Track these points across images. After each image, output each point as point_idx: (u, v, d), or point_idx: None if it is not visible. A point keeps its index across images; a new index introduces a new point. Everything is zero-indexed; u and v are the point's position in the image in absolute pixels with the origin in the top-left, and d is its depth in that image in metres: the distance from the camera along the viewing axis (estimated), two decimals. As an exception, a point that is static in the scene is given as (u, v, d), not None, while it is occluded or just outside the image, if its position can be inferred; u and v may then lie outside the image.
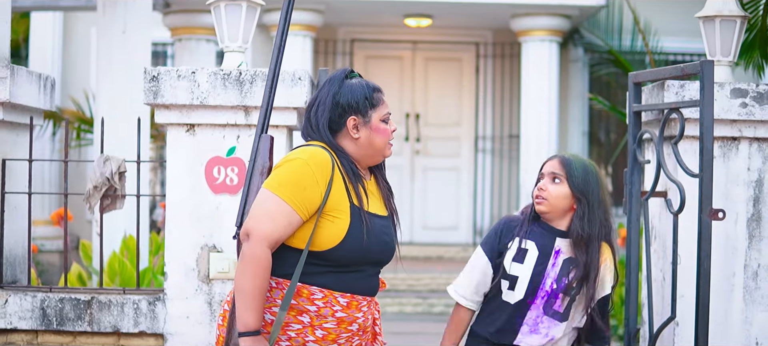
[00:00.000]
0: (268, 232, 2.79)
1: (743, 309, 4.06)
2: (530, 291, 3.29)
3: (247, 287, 2.78)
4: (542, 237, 3.34)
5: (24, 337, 4.12)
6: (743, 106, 3.99)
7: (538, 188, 3.34)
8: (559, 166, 3.32)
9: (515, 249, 3.34)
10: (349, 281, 2.91)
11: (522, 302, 3.30)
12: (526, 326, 3.31)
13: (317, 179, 2.84)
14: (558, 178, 3.31)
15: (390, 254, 3.02)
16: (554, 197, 3.30)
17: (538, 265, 3.30)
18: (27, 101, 4.19)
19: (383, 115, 3.00)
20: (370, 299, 2.98)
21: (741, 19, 4.16)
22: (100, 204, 4.11)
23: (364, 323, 2.96)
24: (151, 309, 4.02)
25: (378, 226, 2.95)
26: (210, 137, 3.98)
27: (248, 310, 2.78)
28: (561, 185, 3.30)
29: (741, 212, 4.05)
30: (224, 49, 4.08)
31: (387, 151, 3.02)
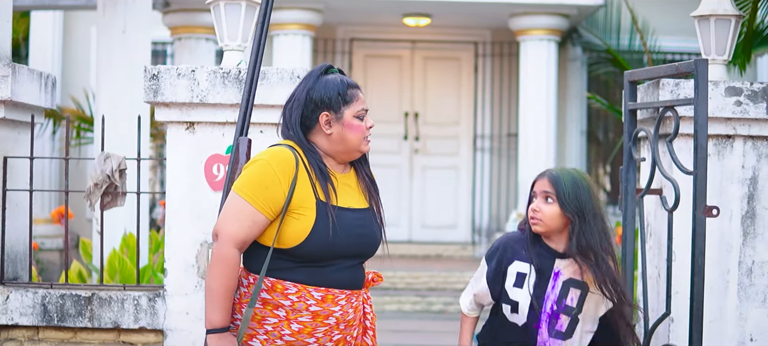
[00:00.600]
0: (233, 232, 2.89)
1: (738, 306, 4.10)
2: (532, 316, 3.31)
3: (213, 286, 2.89)
4: (541, 258, 3.33)
5: (25, 333, 4.16)
6: (738, 104, 4.03)
7: (532, 209, 3.33)
8: (549, 185, 3.30)
9: (515, 274, 3.34)
10: (323, 275, 2.96)
11: (529, 326, 3.32)
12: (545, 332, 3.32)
13: (279, 178, 2.91)
14: (550, 197, 3.30)
15: (369, 247, 3.05)
16: (549, 217, 3.30)
17: (537, 288, 3.30)
18: (28, 99, 4.23)
19: (357, 112, 3.03)
20: (349, 292, 3.00)
21: (736, 18, 4.20)
22: (100, 201, 4.15)
23: (343, 316, 2.99)
24: (151, 305, 4.06)
25: (350, 219, 2.98)
26: (209, 135, 4.01)
27: (215, 308, 2.89)
28: (554, 205, 3.29)
29: (735, 209, 4.09)
30: (223, 47, 4.11)
31: (363, 147, 3.05)
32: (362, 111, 3.04)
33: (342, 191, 3.02)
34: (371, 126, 3.06)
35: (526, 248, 3.35)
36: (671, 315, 3.93)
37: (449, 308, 9.06)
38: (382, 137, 11.59)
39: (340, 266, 2.98)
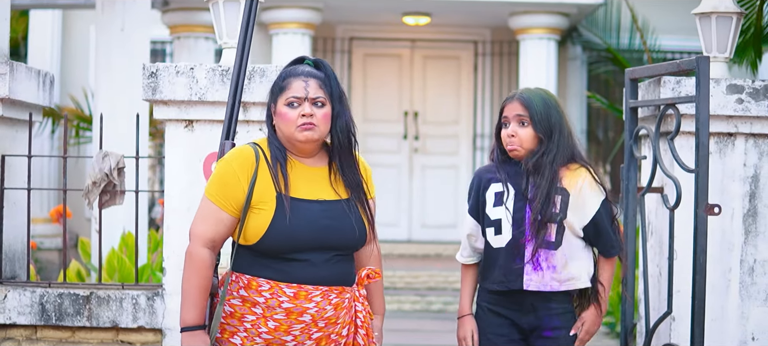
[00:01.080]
0: (200, 232, 2.99)
1: (739, 304, 4.08)
2: (517, 230, 3.32)
3: (185, 285, 2.99)
4: (517, 176, 3.37)
5: (23, 332, 4.14)
6: (739, 102, 4.01)
7: (508, 135, 3.35)
8: (521, 107, 3.34)
9: (493, 195, 3.38)
10: (295, 272, 2.94)
11: (515, 243, 3.33)
12: (529, 265, 3.32)
13: (238, 175, 2.95)
14: (524, 119, 3.33)
15: (338, 239, 2.99)
16: (526, 140, 3.34)
17: (518, 202, 3.33)
18: (26, 97, 4.21)
19: (287, 99, 2.99)
20: (326, 288, 2.96)
21: (737, 15, 4.18)
22: (98, 200, 4.13)
23: (319, 314, 2.95)
24: (150, 304, 4.04)
25: (313, 211, 2.96)
26: (208, 133, 3.99)
27: (187, 307, 2.98)
28: (529, 127, 3.33)
29: (737, 207, 4.07)
30: (222, 45, 4.09)
31: (297, 135, 2.98)
32: (292, 98, 2.98)
33: (305, 182, 3.00)
34: (304, 114, 2.95)
35: (500, 171, 3.39)
36: (673, 314, 3.91)
37: (449, 308, 9.04)
38: (381, 137, 11.59)
39: (312, 261, 2.96)
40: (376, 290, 3.25)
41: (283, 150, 3.02)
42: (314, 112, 2.96)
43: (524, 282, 3.34)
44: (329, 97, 3.02)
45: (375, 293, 3.25)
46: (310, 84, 2.99)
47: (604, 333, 8.51)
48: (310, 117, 2.95)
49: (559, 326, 3.40)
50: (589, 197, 3.37)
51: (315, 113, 2.96)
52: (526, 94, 3.37)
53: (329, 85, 3.02)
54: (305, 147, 3.01)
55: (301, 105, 2.96)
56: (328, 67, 3.07)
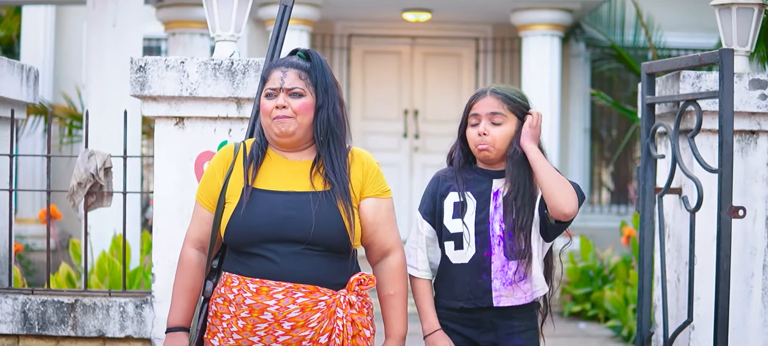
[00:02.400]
0: (188, 232, 3.02)
1: (762, 312, 3.87)
2: (481, 243, 3.07)
3: (173, 286, 3.02)
4: (478, 184, 3.12)
5: (4, 342, 3.92)
6: (763, 97, 3.79)
7: (480, 133, 3.08)
8: (498, 104, 3.08)
9: (452, 205, 3.12)
10: (257, 266, 2.82)
11: (479, 257, 3.07)
12: (497, 279, 3.07)
13: (215, 171, 2.96)
14: (498, 117, 3.07)
15: (296, 231, 2.81)
16: (500, 140, 3.08)
17: (480, 213, 3.08)
18: (8, 93, 4.00)
19: (266, 90, 2.90)
20: (290, 285, 2.79)
21: (759, 6, 3.97)
22: (84, 202, 3.91)
23: (280, 313, 2.77)
24: (138, 312, 3.82)
25: (274, 201, 2.83)
26: (200, 131, 3.77)
27: (171, 307, 3.01)
28: (504, 126, 3.07)
29: (760, 209, 3.85)
30: (216, 38, 3.88)
31: (273, 129, 2.87)
32: (269, 89, 2.88)
33: (278, 175, 2.88)
34: (279, 106, 2.83)
35: (459, 179, 3.12)
36: (692, 322, 3.70)
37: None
38: (381, 135, 11.44)
39: (277, 254, 2.80)
40: (389, 307, 3.00)
41: (264, 144, 2.93)
42: (289, 103, 2.84)
43: (494, 299, 3.08)
44: (313, 87, 2.87)
45: (389, 311, 3.00)
46: (288, 74, 2.87)
47: (608, 337, 8.35)
48: (282, 109, 2.84)
49: (520, 343, 3.13)
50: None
51: (289, 104, 2.84)
52: (501, 89, 3.13)
53: (314, 76, 2.88)
54: (281, 141, 2.89)
55: (277, 95, 2.86)
56: (317, 57, 2.93)
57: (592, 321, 9.18)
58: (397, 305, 2.98)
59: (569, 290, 9.67)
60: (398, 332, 3.00)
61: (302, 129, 2.86)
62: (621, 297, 8.50)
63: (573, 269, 9.68)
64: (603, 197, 11.75)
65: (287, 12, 3.20)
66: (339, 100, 2.91)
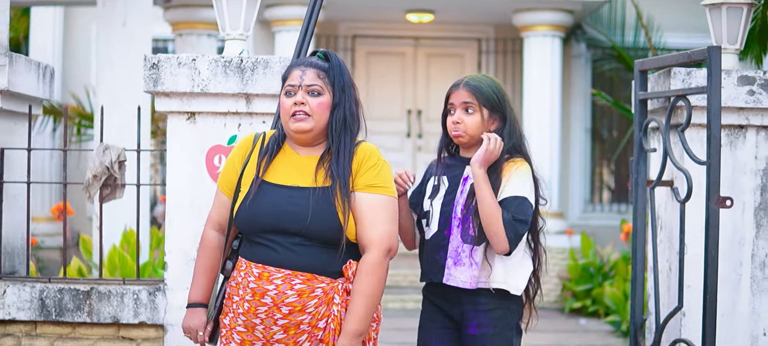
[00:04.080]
0: (210, 214, 3.22)
1: (751, 299, 4.02)
2: (443, 222, 3.25)
3: (194, 265, 3.22)
4: (453, 168, 3.33)
5: (22, 328, 4.07)
6: (751, 93, 3.94)
7: (453, 122, 3.29)
8: (468, 95, 3.27)
9: (431, 187, 3.33)
10: (261, 253, 2.97)
11: (440, 235, 3.26)
12: (450, 259, 3.24)
13: (235, 160, 3.14)
14: (470, 107, 3.26)
15: (293, 223, 2.93)
16: (471, 127, 3.27)
17: (448, 194, 3.28)
18: (26, 90, 4.15)
19: (286, 88, 3.03)
20: (288, 272, 2.92)
21: (748, 6, 4.12)
22: (99, 193, 4.07)
23: (279, 297, 2.91)
24: (152, 299, 3.97)
25: (278, 194, 2.98)
26: (211, 125, 3.93)
27: (192, 285, 3.19)
28: (474, 114, 3.26)
29: (748, 201, 4.00)
30: (225, 36, 4.03)
31: (290, 125, 3.01)
32: (289, 87, 3.02)
33: (288, 169, 3.02)
34: (296, 102, 2.97)
35: (442, 165, 3.34)
36: (683, 309, 3.84)
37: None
38: (384, 135, 11.54)
39: (278, 243, 2.95)
40: (350, 302, 2.96)
41: (281, 138, 3.08)
42: (307, 101, 2.97)
43: (444, 276, 3.25)
44: (331, 86, 3.00)
45: (349, 306, 2.96)
46: (307, 73, 3.00)
47: (608, 332, 8.47)
48: (301, 105, 2.97)
49: (486, 323, 3.25)
50: (509, 181, 3.23)
51: (308, 102, 2.97)
52: (473, 82, 3.31)
53: (332, 76, 3.01)
54: (298, 137, 3.02)
55: (296, 93, 2.99)
56: (335, 59, 3.06)
57: (593, 317, 9.31)
58: (356, 303, 2.93)
59: (570, 287, 9.79)
60: (350, 329, 2.93)
61: (318, 127, 2.99)
62: (620, 293, 8.63)
63: (574, 266, 9.81)
64: (604, 195, 11.87)
65: (318, 4, 3.34)
66: (355, 100, 3.04)
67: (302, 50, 3.55)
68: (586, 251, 9.88)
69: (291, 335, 2.94)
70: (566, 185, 11.40)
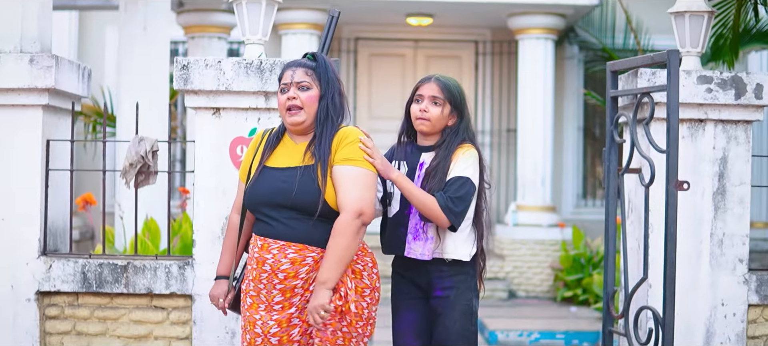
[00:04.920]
0: (235, 201, 3.76)
1: (710, 273, 4.54)
2: (404, 203, 3.78)
3: (222, 243, 3.79)
4: (412, 155, 3.85)
5: (66, 299, 4.60)
6: (709, 91, 4.47)
7: (421, 110, 3.79)
8: (438, 90, 3.79)
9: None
10: (263, 228, 3.51)
11: (401, 214, 3.79)
12: (410, 234, 3.78)
13: (249, 154, 3.67)
14: (438, 101, 3.78)
15: (285, 198, 3.43)
16: (436, 118, 3.79)
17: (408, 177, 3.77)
18: (68, 88, 4.67)
19: (280, 86, 3.57)
20: (283, 243, 3.44)
21: (708, 13, 4.64)
22: (135, 180, 4.59)
23: (275, 266, 3.43)
24: (181, 273, 4.50)
25: (274, 175, 3.50)
26: (234, 119, 4.45)
27: (219, 260, 3.77)
28: (440, 108, 3.78)
29: (707, 186, 4.52)
30: (245, 41, 4.55)
31: (286, 118, 3.54)
32: (282, 85, 3.56)
33: (284, 155, 3.55)
34: (289, 98, 3.48)
35: (402, 150, 3.87)
36: (649, 280, 4.37)
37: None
38: (385, 133, 11.80)
39: (274, 218, 3.46)
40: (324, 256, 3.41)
41: (281, 131, 3.63)
42: (298, 95, 3.51)
43: (405, 249, 3.80)
44: (318, 81, 3.53)
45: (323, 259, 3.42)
46: (297, 72, 3.55)
47: (596, 318, 8.87)
48: (293, 100, 3.50)
49: (450, 286, 3.81)
50: (455, 164, 3.75)
51: (299, 96, 3.51)
52: (443, 79, 3.84)
53: (319, 72, 3.55)
54: (294, 129, 3.56)
55: (289, 89, 3.52)
56: (321, 58, 3.60)
57: (583, 305, 9.77)
58: (327, 257, 3.38)
59: (562, 277, 10.26)
60: (319, 278, 3.39)
61: (310, 118, 3.52)
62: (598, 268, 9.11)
63: (565, 257, 10.27)
64: (596, 191, 12.28)
65: (333, 21, 3.87)
66: (338, 92, 3.55)
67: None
68: (577, 242, 10.34)
69: (287, 297, 3.46)
70: (559, 180, 11.84)
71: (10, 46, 4.58)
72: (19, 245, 4.54)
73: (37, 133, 4.54)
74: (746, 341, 4.57)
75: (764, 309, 4.62)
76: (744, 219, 4.54)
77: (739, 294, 4.54)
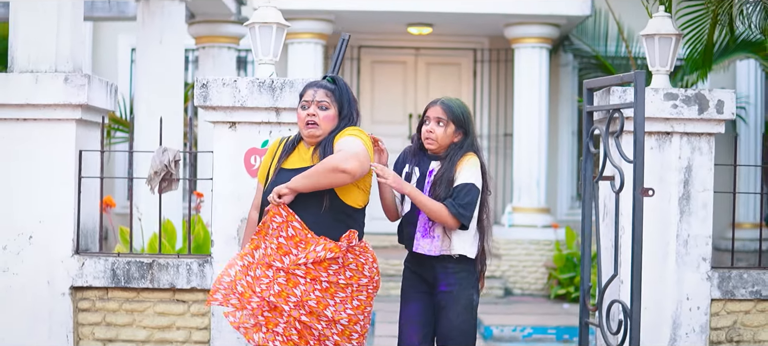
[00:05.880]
0: (254, 200, 4.26)
1: (676, 270, 5.03)
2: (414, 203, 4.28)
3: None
4: (423, 163, 4.36)
5: (96, 293, 5.11)
6: (674, 106, 4.96)
7: (427, 131, 4.31)
8: (442, 112, 4.30)
9: (404, 173, 4.37)
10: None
11: (412, 213, 4.32)
12: (418, 232, 4.31)
13: (267, 158, 4.19)
14: (442, 121, 4.30)
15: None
16: (441, 138, 4.31)
17: (418, 183, 4.32)
18: (98, 103, 5.18)
19: (301, 103, 4.10)
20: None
21: (676, 36, 5.14)
22: (158, 186, 5.10)
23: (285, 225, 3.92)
24: (201, 269, 5.01)
25: (288, 175, 3.98)
26: (248, 132, 4.95)
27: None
28: (446, 127, 4.29)
29: (674, 192, 5.02)
30: (258, 62, 5.05)
31: (304, 131, 4.06)
32: (304, 102, 4.08)
33: (296, 158, 4.07)
34: (309, 114, 4.00)
35: (414, 156, 4.37)
36: (620, 277, 4.87)
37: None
38: (387, 137, 12.03)
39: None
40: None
41: (296, 140, 4.14)
42: (317, 113, 4.04)
43: (414, 245, 4.33)
44: (336, 103, 4.06)
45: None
46: (318, 92, 4.08)
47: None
48: (313, 116, 4.03)
49: (453, 282, 4.34)
50: (461, 172, 4.28)
51: (317, 114, 4.04)
52: (447, 102, 4.34)
53: (338, 95, 4.08)
54: (310, 140, 4.09)
55: (309, 107, 4.03)
56: (341, 81, 4.13)
57: (576, 302, 10.08)
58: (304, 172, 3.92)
59: (555, 275, 10.69)
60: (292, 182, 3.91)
61: (325, 133, 4.06)
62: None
63: (558, 256, 10.70)
64: (590, 193, 12.63)
65: (344, 44, 4.37)
66: (356, 111, 4.14)
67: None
68: (570, 242, 10.77)
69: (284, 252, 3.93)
70: (554, 182, 12.24)
71: (46, 66, 5.09)
72: (55, 244, 5.05)
73: (71, 144, 5.05)
74: (709, 332, 5.07)
75: (726, 303, 5.12)
76: (707, 222, 5.04)
77: (702, 290, 5.04)
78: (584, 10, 10.66)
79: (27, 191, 5.05)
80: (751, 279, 5.10)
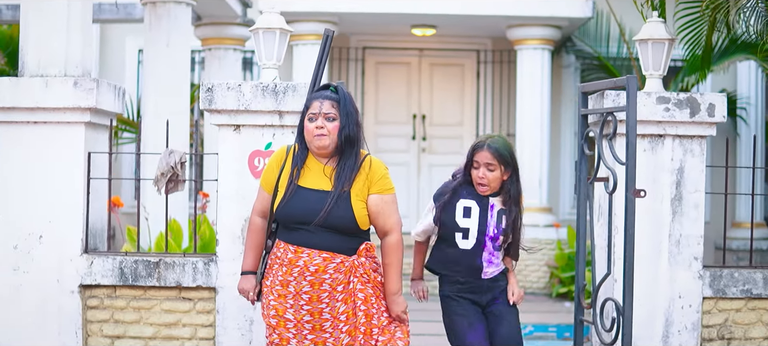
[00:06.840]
0: (255, 205, 4.29)
1: (668, 269, 5.16)
2: (480, 237, 4.49)
3: (245, 242, 4.31)
4: (481, 198, 4.54)
5: (105, 291, 5.26)
6: (667, 110, 5.09)
7: (480, 177, 4.51)
8: (491, 158, 4.49)
9: (462, 209, 4.52)
10: (296, 236, 4.10)
11: (477, 247, 4.51)
12: (485, 262, 4.53)
13: (273, 166, 4.19)
14: (492, 166, 4.49)
15: (314, 216, 4.04)
16: (492, 181, 4.51)
17: (481, 217, 4.49)
18: (107, 107, 5.33)
19: (308, 115, 4.15)
20: (314, 251, 4.07)
21: (669, 41, 5.27)
22: (165, 187, 5.25)
23: (306, 266, 4.06)
24: (206, 268, 5.15)
25: (309, 195, 4.08)
26: (251, 135, 5.09)
27: (244, 258, 4.29)
28: (495, 172, 4.50)
29: (666, 193, 5.15)
30: (262, 66, 5.20)
31: (313, 142, 4.12)
32: (311, 114, 4.13)
33: (311, 176, 4.12)
34: (317, 126, 4.07)
35: (467, 191, 4.54)
36: (613, 275, 5.00)
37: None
38: (392, 137, 12.41)
39: (307, 230, 4.07)
40: (386, 273, 4.18)
41: (305, 152, 4.17)
42: (325, 125, 4.11)
43: (483, 274, 4.56)
44: (339, 112, 4.12)
45: (385, 276, 4.18)
46: (325, 104, 4.13)
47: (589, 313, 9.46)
48: (321, 129, 4.10)
49: (501, 294, 4.62)
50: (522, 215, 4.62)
51: (325, 125, 4.10)
52: (494, 146, 4.51)
53: (342, 105, 4.14)
54: (319, 152, 4.14)
55: (317, 119, 4.10)
56: (343, 91, 4.19)
57: (576, 300, 10.34)
58: (391, 271, 4.16)
59: (557, 275, 10.78)
60: (390, 289, 4.18)
61: (333, 143, 4.12)
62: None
63: (560, 255, 10.79)
64: (592, 193, 12.72)
65: (328, 40, 4.48)
66: (355, 122, 4.15)
67: (317, 80, 4.58)
68: (572, 241, 10.84)
69: (315, 289, 4.09)
70: (556, 182, 12.33)
71: (56, 70, 5.24)
72: (64, 244, 5.20)
73: (80, 146, 5.20)
74: (701, 329, 5.20)
75: (717, 301, 5.25)
76: (699, 222, 5.17)
77: (694, 288, 5.17)
78: (586, 12, 10.72)
79: (37, 192, 5.19)
80: (742, 278, 5.23)
